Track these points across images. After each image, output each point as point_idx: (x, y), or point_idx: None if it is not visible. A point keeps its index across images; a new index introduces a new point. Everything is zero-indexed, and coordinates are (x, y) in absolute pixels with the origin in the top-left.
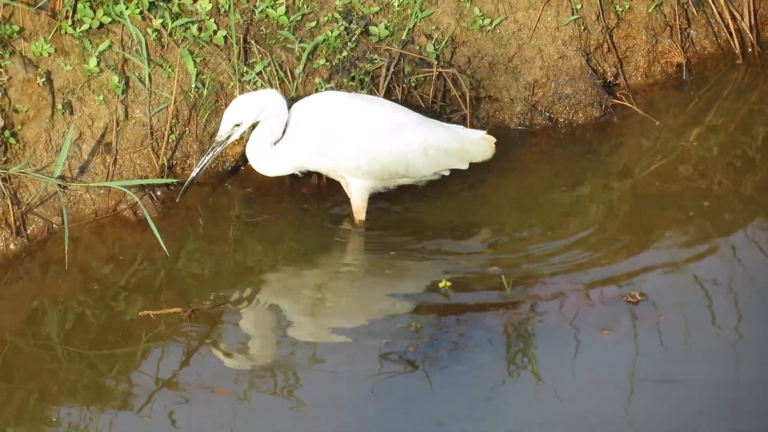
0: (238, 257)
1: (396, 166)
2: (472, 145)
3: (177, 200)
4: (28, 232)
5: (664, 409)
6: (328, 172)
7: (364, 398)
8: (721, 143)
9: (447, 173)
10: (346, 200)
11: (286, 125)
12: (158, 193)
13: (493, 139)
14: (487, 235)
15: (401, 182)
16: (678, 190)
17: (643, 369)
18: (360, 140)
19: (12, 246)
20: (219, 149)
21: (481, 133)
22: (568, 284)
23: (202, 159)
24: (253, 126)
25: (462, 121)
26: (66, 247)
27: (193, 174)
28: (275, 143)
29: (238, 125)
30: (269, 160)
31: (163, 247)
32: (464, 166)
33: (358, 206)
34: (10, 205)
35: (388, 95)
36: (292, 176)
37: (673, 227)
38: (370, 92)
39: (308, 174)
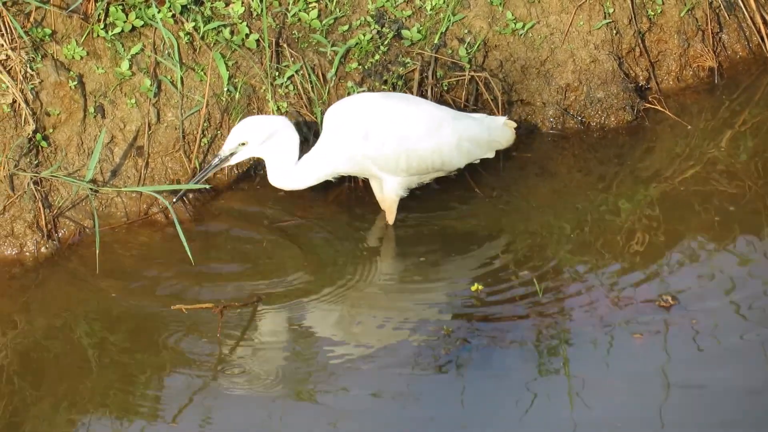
0: (270, 261)
1: (433, 161)
2: (498, 132)
3: (173, 203)
4: (60, 235)
5: (696, 414)
6: (362, 173)
7: (394, 401)
8: (752, 148)
9: (477, 162)
10: (378, 204)
11: (318, 132)
12: (190, 197)
13: (514, 124)
14: (519, 239)
15: (434, 176)
16: (709, 195)
17: (675, 373)
18: (401, 139)
19: (43, 249)
20: (218, 165)
21: (503, 119)
22: (600, 288)
23: (198, 174)
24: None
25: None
26: (97, 252)
27: (189, 184)
28: (296, 161)
29: (243, 144)
30: (298, 177)
31: (188, 252)
32: (492, 155)
33: (393, 202)
34: (41, 209)
35: None
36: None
37: (705, 231)
38: None
39: (340, 179)
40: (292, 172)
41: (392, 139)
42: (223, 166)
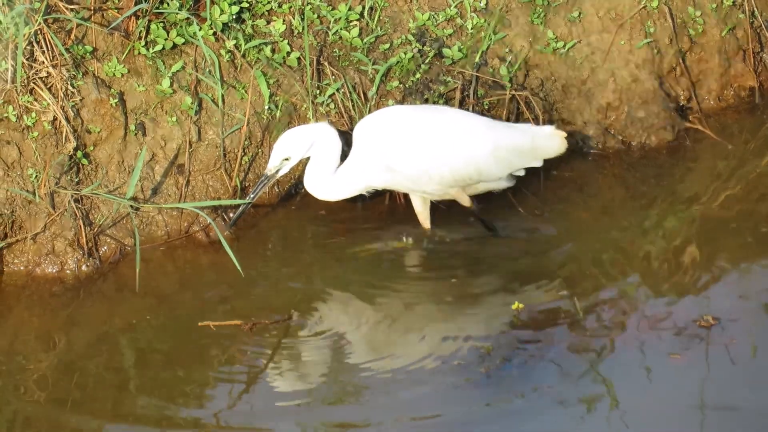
0: (308, 278)
1: (467, 171)
2: (544, 140)
3: (227, 231)
4: (100, 253)
5: None
6: (396, 187)
7: (431, 420)
8: None
9: (522, 173)
10: (415, 222)
11: (350, 147)
12: (231, 215)
13: (563, 134)
14: (560, 258)
15: (481, 189)
16: (749, 215)
17: (713, 394)
18: (429, 150)
19: (84, 267)
20: (268, 183)
21: (550, 128)
22: (640, 307)
23: (252, 192)
24: (304, 159)
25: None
26: (138, 270)
27: (242, 207)
28: (336, 170)
29: (287, 159)
30: (333, 188)
31: (238, 267)
32: (538, 164)
33: (425, 213)
34: (82, 227)
35: None
36: (363, 197)
37: (746, 251)
38: None
39: (377, 193)
40: (328, 181)
41: (420, 151)
42: (272, 182)
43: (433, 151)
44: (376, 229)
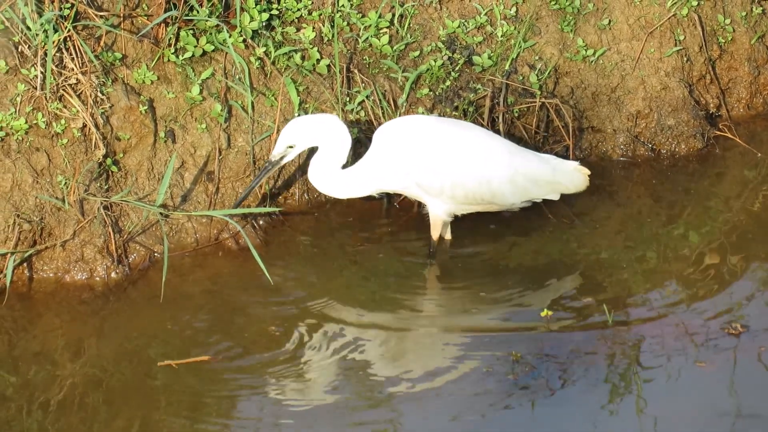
0: (335, 288)
1: (481, 193)
2: (565, 176)
3: (234, 206)
4: (130, 260)
5: None
6: (407, 193)
7: (459, 427)
8: None
9: (539, 200)
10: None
11: (365, 147)
12: (260, 222)
13: (587, 171)
14: (590, 265)
15: (487, 209)
16: None
17: (742, 401)
18: (447, 165)
19: (113, 275)
20: (271, 169)
21: (574, 164)
22: (669, 315)
23: (255, 178)
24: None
25: (564, 152)
26: (164, 277)
27: (242, 196)
28: (344, 166)
29: (291, 147)
30: (340, 184)
31: (266, 274)
32: (555, 197)
33: (437, 224)
34: (111, 234)
35: (492, 125)
36: (392, 205)
37: None
38: (474, 122)
39: (407, 201)
40: (335, 177)
41: (438, 164)
42: (275, 169)
43: (452, 169)
44: (403, 239)
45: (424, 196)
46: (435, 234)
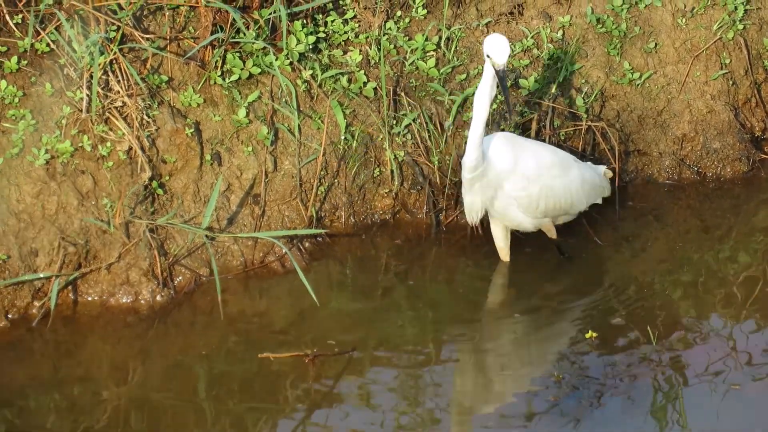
0: (380, 313)
1: (565, 201)
2: (604, 180)
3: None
4: (175, 283)
5: None
6: (494, 211)
7: None
8: None
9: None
10: (494, 254)
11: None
12: (306, 245)
13: (611, 173)
14: (635, 288)
15: (559, 221)
16: None
17: None
18: (544, 178)
19: (159, 298)
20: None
21: (603, 168)
22: (714, 338)
23: (504, 92)
24: None
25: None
26: (219, 296)
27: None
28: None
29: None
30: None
31: (313, 296)
32: (600, 201)
33: (503, 249)
34: (157, 257)
35: None
36: (440, 228)
37: None
38: None
39: (456, 226)
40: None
41: (537, 178)
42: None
43: (545, 180)
44: (452, 263)
45: (513, 213)
46: (506, 256)
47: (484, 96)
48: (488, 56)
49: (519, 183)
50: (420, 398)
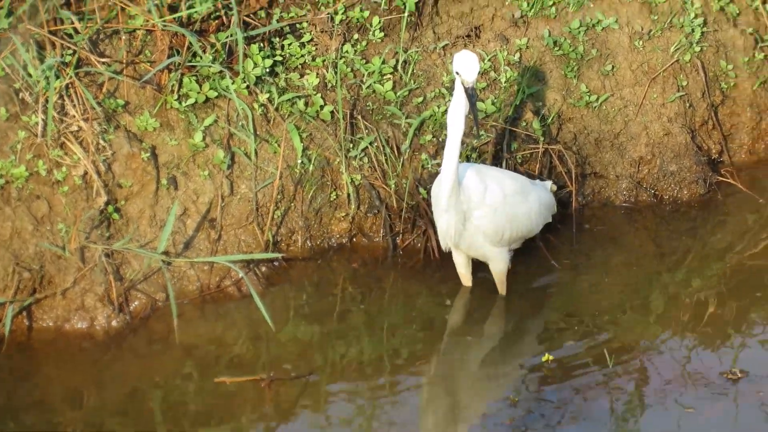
0: (336, 338)
1: (526, 227)
2: (553, 197)
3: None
4: (131, 308)
5: None
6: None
7: None
8: None
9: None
10: (450, 278)
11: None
12: (262, 269)
13: (555, 188)
14: (591, 310)
15: (513, 246)
16: None
17: None
18: (508, 205)
19: (114, 323)
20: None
21: (549, 183)
22: (669, 360)
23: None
24: None
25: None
26: (175, 324)
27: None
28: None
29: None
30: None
31: (269, 321)
32: (550, 219)
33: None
34: (112, 282)
35: None
36: (397, 251)
37: None
38: None
39: (412, 249)
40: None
41: (502, 207)
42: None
43: (509, 207)
44: (409, 287)
45: (483, 247)
46: (468, 281)
47: (457, 113)
48: (457, 73)
49: (487, 213)
50: (377, 422)
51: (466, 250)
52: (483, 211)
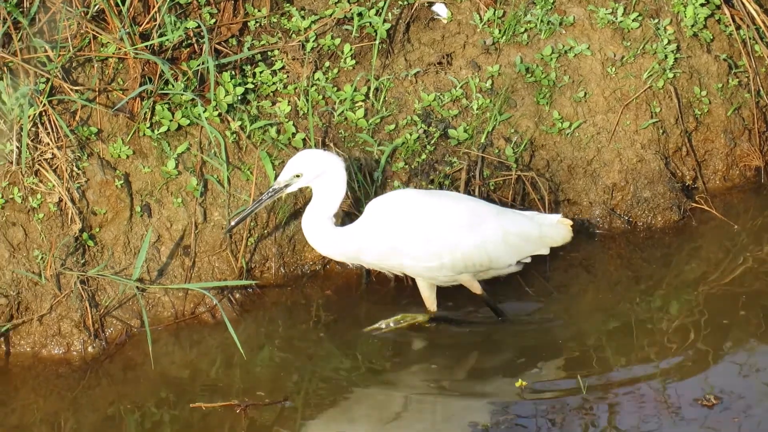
0: (309, 363)
1: (479, 258)
2: (550, 229)
3: (224, 233)
4: (107, 334)
5: None
6: (390, 268)
7: None
8: None
9: (529, 260)
10: (422, 304)
11: (356, 216)
12: (236, 296)
13: (570, 222)
14: (565, 337)
15: (490, 274)
16: (755, 295)
17: None
18: (442, 238)
19: (90, 349)
20: (274, 196)
21: (557, 217)
22: (644, 386)
23: (255, 201)
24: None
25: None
26: (150, 350)
27: (239, 218)
28: (333, 216)
29: (298, 176)
30: (326, 236)
31: (241, 350)
32: (546, 251)
33: (429, 298)
34: (88, 308)
35: None
36: (368, 276)
37: (750, 331)
38: None
39: (383, 275)
40: (327, 230)
41: (433, 238)
42: (278, 197)
43: (447, 240)
44: (382, 314)
45: (421, 271)
46: (432, 306)
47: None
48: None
49: (420, 246)
50: None
51: (420, 278)
52: (415, 244)
